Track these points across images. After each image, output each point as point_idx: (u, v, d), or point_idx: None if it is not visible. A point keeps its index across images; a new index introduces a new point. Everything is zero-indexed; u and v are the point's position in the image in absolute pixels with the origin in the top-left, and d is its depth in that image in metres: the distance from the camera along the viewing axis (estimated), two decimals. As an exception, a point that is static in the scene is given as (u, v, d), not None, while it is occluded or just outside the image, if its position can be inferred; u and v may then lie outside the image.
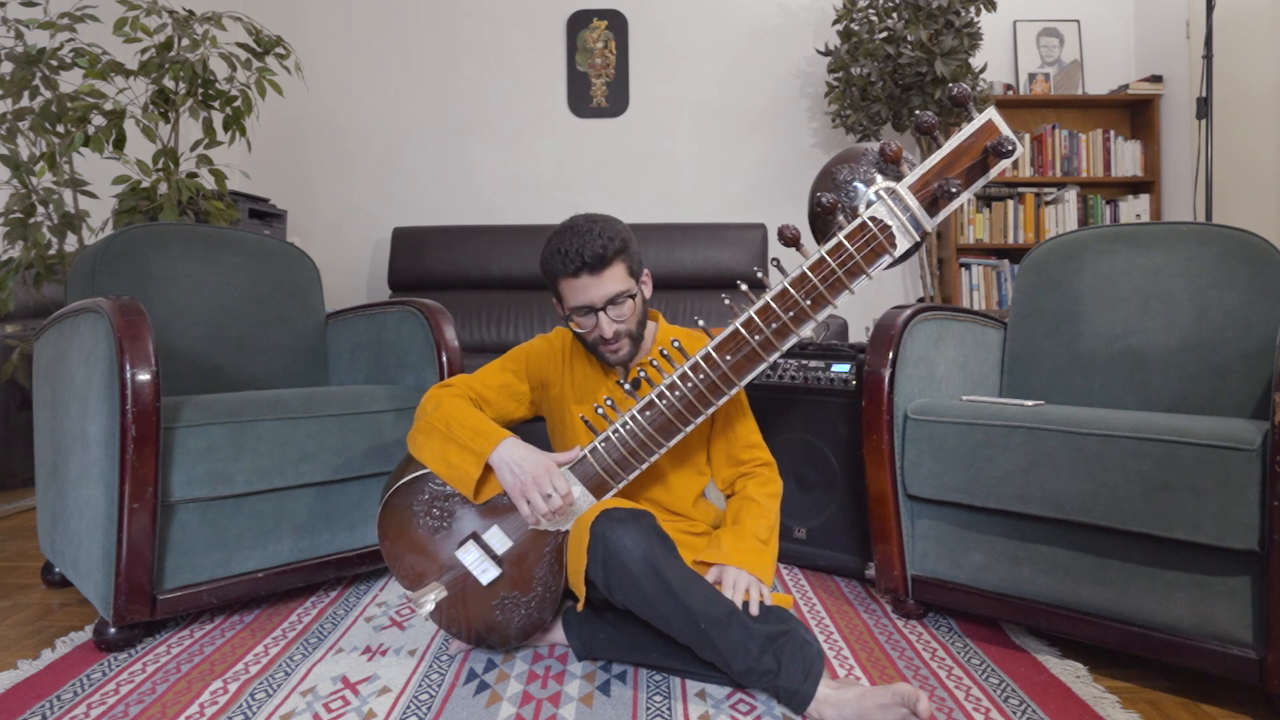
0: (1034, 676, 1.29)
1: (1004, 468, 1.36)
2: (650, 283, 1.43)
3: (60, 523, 1.53)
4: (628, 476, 1.29)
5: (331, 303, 2.23)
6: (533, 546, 1.31)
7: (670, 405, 1.24)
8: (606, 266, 1.29)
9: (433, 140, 3.90)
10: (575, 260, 1.28)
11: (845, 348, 1.92)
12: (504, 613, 1.32)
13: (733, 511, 1.43)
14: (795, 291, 1.18)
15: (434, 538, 1.32)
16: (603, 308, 1.31)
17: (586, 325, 1.34)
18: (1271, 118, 3.04)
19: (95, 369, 1.38)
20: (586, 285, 1.30)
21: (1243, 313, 1.49)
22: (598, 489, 1.30)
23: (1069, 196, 3.61)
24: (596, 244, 1.28)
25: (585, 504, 1.30)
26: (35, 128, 2.24)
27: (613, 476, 1.29)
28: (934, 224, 1.15)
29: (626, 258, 1.33)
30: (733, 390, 1.25)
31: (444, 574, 1.32)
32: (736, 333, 1.21)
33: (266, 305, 2.00)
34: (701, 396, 1.23)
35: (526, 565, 1.31)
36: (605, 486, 1.30)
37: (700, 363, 1.22)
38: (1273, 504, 1.10)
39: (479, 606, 1.33)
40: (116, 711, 1.20)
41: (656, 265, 3.43)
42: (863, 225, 1.16)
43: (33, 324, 2.60)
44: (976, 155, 1.13)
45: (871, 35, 3.32)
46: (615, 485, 1.29)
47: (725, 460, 1.47)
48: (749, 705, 1.20)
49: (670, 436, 1.26)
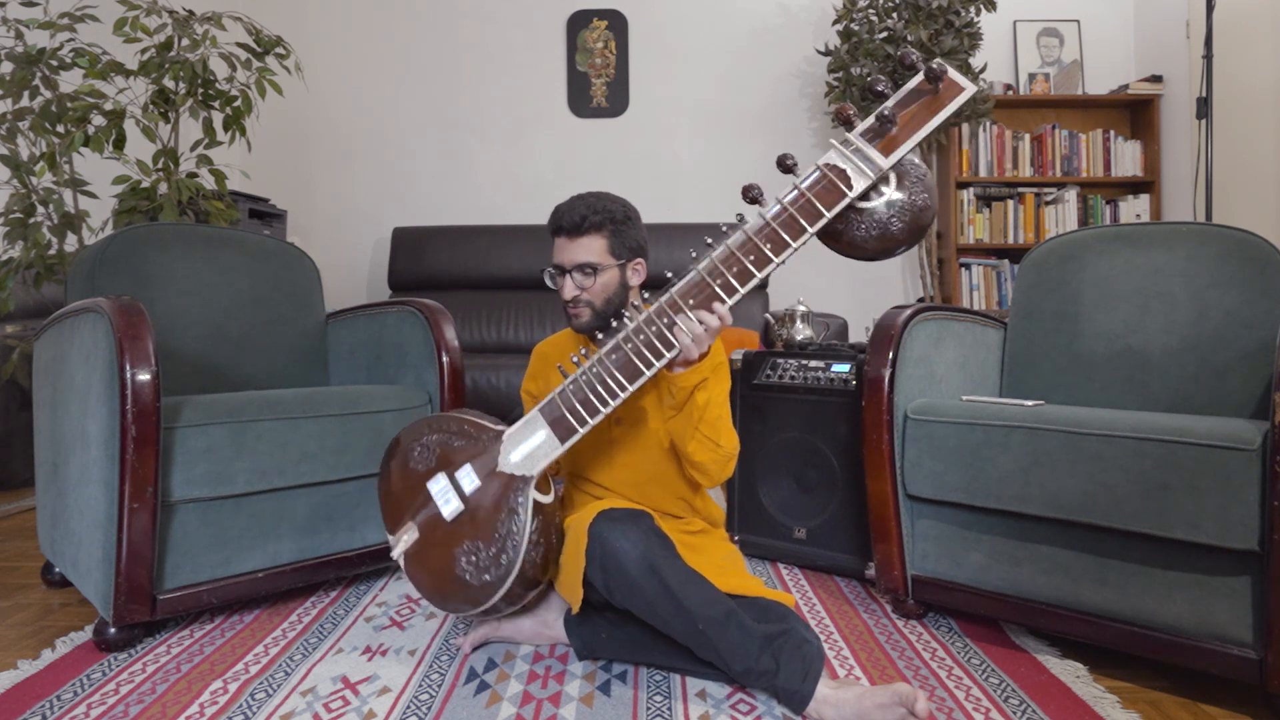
0: (1034, 676, 1.29)
1: (1004, 468, 1.36)
2: (642, 272, 1.46)
3: (60, 523, 1.53)
4: (590, 420, 1.27)
5: (331, 303, 2.23)
6: (500, 496, 1.28)
7: (634, 348, 1.25)
8: (582, 235, 1.38)
9: (433, 140, 3.90)
10: (556, 220, 1.40)
11: (845, 348, 1.92)
12: (469, 566, 1.28)
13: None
14: (755, 238, 1.21)
15: (417, 476, 1.35)
16: (569, 271, 1.39)
17: (558, 283, 1.42)
18: (1271, 118, 3.04)
19: (95, 369, 1.38)
20: (562, 246, 1.40)
21: (1243, 313, 1.49)
22: (563, 431, 1.28)
23: (1069, 196, 3.61)
24: (579, 212, 1.38)
25: (548, 449, 1.28)
26: (35, 128, 2.24)
27: (575, 417, 1.27)
28: (889, 161, 1.18)
29: (608, 235, 1.40)
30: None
31: (417, 513, 1.34)
32: (700, 278, 1.23)
33: (266, 305, 2.00)
34: (663, 338, 1.24)
35: (486, 512, 1.28)
36: (568, 428, 1.28)
37: (665, 307, 1.25)
38: (1273, 504, 1.10)
39: (443, 553, 1.30)
40: (116, 711, 1.20)
41: (656, 265, 3.42)
42: (817, 172, 1.22)
43: (33, 324, 2.60)
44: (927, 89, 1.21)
45: (871, 35, 3.32)
46: (579, 428, 1.27)
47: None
48: (749, 705, 1.20)
49: (633, 378, 1.25)
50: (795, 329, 2.10)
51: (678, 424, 1.33)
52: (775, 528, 1.90)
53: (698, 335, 1.21)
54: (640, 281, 1.46)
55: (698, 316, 1.21)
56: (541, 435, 1.29)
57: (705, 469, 1.36)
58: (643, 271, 1.46)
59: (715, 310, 1.21)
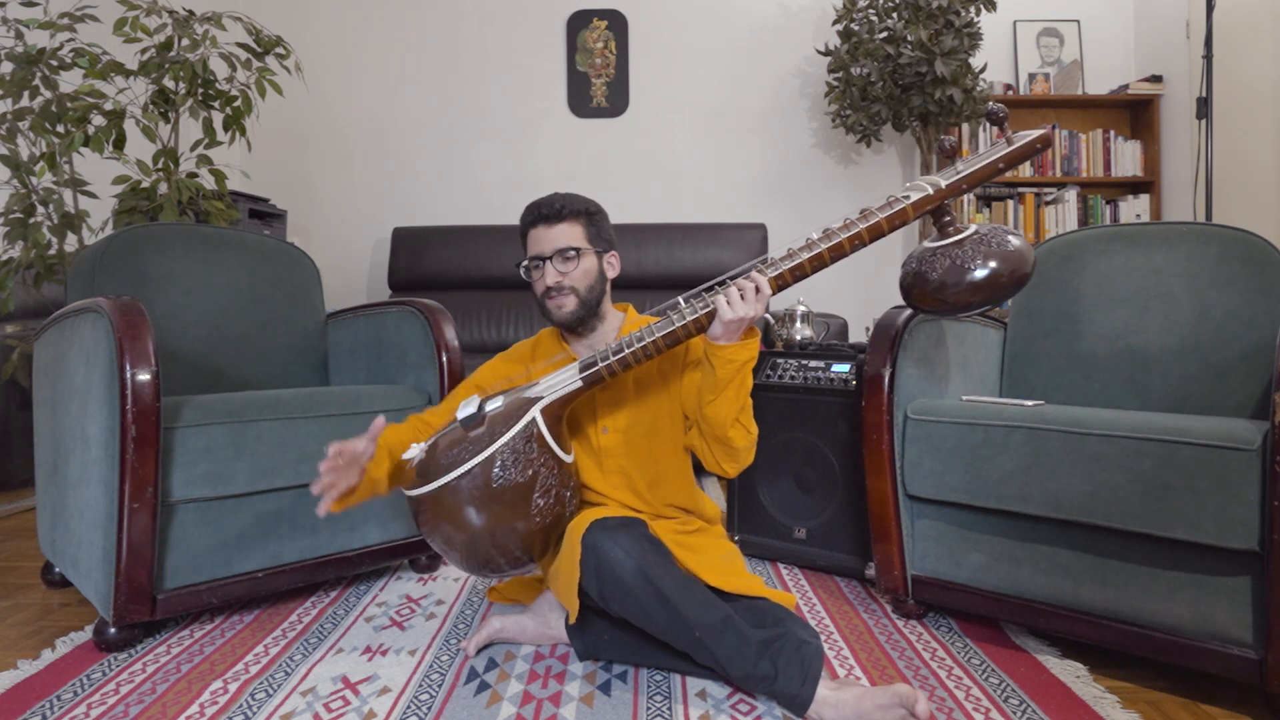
0: (1034, 676, 1.29)
1: (1004, 468, 1.36)
2: (617, 265, 1.47)
3: (60, 523, 1.53)
4: (619, 370, 1.27)
5: (331, 303, 2.23)
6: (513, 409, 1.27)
7: (678, 315, 1.25)
8: (560, 222, 1.42)
9: (433, 140, 3.90)
10: (534, 212, 1.44)
11: (845, 348, 1.92)
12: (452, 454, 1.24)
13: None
14: (825, 238, 1.24)
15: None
16: (550, 257, 1.40)
17: (536, 276, 1.43)
18: (1271, 118, 3.04)
19: (95, 369, 1.38)
20: (540, 236, 1.42)
21: (1243, 313, 1.49)
22: (587, 373, 1.28)
23: (1069, 197, 3.61)
24: (556, 203, 1.42)
25: (566, 382, 1.28)
26: (35, 128, 2.24)
27: (604, 360, 1.27)
28: (944, 182, 1.22)
29: (584, 224, 1.43)
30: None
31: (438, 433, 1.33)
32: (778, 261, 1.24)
33: (267, 305, 2.00)
34: (702, 305, 1.24)
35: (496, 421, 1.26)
36: (596, 375, 1.27)
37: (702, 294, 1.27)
38: (1273, 504, 1.10)
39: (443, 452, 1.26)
40: (116, 711, 1.20)
41: (656, 265, 3.43)
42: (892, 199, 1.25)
43: (33, 324, 2.60)
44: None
45: (871, 35, 3.32)
46: (605, 377, 1.28)
47: (691, 411, 1.44)
48: (749, 705, 1.20)
49: (669, 337, 1.25)
50: (795, 329, 2.10)
51: (722, 406, 1.29)
52: (775, 528, 1.90)
53: (731, 295, 1.20)
54: (615, 275, 1.47)
55: (738, 284, 1.21)
56: (572, 371, 1.30)
57: (738, 453, 1.34)
58: (617, 265, 1.47)
59: (753, 278, 1.21)
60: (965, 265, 1.20)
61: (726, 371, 1.25)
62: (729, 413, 1.29)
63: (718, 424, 1.31)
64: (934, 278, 1.23)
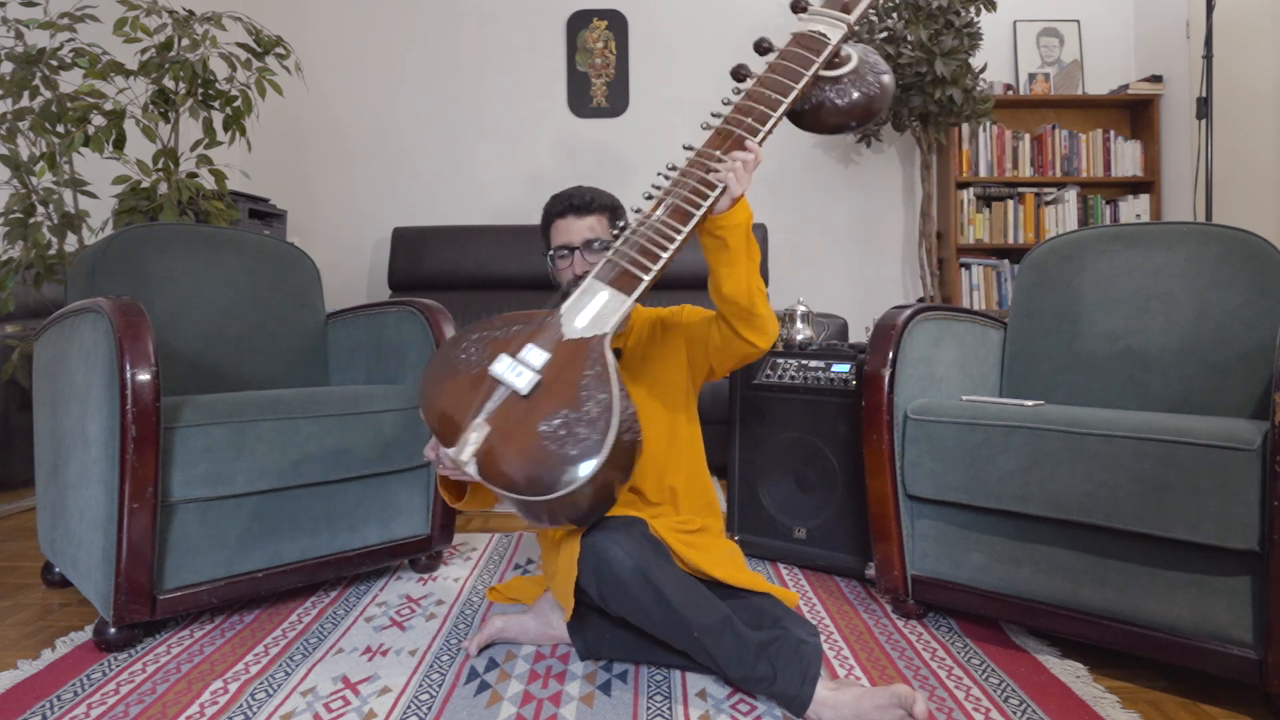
0: (1034, 676, 1.29)
1: (1004, 468, 1.36)
2: None
3: (60, 523, 1.53)
4: (653, 267, 1.23)
5: (331, 303, 2.23)
6: (575, 357, 1.18)
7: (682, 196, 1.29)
8: (590, 214, 1.49)
9: (433, 140, 3.90)
10: (564, 202, 1.51)
11: (845, 348, 1.92)
12: (562, 433, 1.11)
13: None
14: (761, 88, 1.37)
15: (473, 373, 1.22)
16: (579, 246, 1.47)
17: (563, 265, 1.49)
18: (1271, 118, 3.04)
19: (95, 369, 1.38)
20: (569, 226, 1.49)
21: (1243, 313, 1.49)
22: (627, 283, 1.23)
23: (1069, 197, 3.62)
24: (586, 195, 1.51)
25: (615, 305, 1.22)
26: (35, 128, 2.24)
27: (638, 266, 1.23)
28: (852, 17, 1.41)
29: (610, 218, 1.52)
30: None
31: (480, 410, 1.17)
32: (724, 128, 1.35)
33: (267, 305, 2.00)
34: (705, 181, 1.29)
35: (565, 378, 1.16)
36: (632, 279, 1.23)
37: (697, 159, 1.32)
38: (1273, 504, 1.10)
39: (525, 432, 1.13)
40: (116, 711, 1.20)
41: (656, 265, 3.42)
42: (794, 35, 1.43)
43: (33, 324, 2.60)
44: None
45: (871, 35, 3.32)
46: (643, 276, 1.22)
47: (701, 338, 1.47)
48: (749, 705, 1.20)
49: (685, 220, 1.26)
50: (795, 329, 2.10)
51: (739, 275, 1.30)
52: (775, 528, 1.90)
53: (737, 170, 1.27)
54: None
55: (731, 157, 1.28)
56: (605, 295, 1.23)
57: (764, 321, 1.36)
58: None
59: (748, 147, 1.29)
60: (843, 92, 1.41)
61: (736, 237, 1.30)
62: (746, 280, 1.32)
63: (742, 295, 1.32)
64: (814, 100, 1.41)
